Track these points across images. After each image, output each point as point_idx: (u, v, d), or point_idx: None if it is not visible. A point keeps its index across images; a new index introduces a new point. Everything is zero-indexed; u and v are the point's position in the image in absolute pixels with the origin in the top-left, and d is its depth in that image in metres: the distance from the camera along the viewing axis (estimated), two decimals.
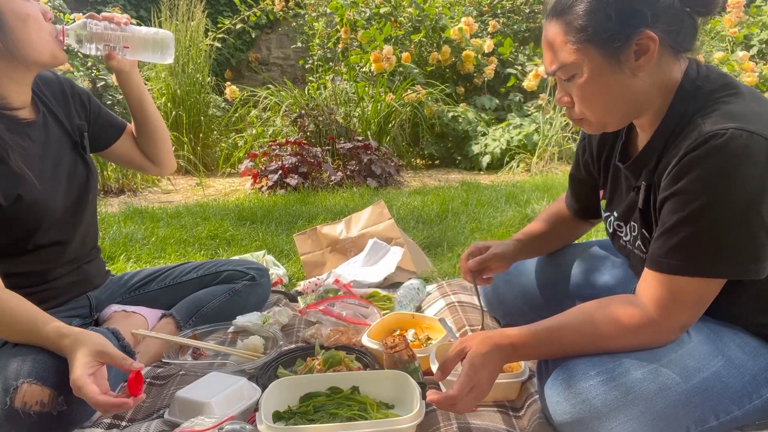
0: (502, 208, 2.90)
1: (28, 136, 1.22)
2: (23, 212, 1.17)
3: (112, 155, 1.45)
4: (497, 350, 0.96)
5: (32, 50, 1.15)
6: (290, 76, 7.61)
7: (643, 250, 1.05)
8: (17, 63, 1.16)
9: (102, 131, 1.42)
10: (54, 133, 1.29)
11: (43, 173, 1.22)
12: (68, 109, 1.35)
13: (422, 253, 2.08)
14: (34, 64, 1.19)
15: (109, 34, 1.26)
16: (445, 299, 1.63)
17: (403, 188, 3.95)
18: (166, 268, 1.57)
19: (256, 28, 7.45)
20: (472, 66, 5.18)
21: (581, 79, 0.95)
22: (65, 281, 1.30)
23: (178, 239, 2.48)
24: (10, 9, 1.11)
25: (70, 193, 1.30)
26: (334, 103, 4.49)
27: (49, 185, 1.23)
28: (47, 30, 1.17)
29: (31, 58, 1.16)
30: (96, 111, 1.41)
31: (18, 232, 1.19)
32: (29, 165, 1.18)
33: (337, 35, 5.62)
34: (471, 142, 4.81)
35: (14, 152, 1.14)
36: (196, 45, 5.13)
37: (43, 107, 1.29)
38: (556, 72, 0.98)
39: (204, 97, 5.16)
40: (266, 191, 3.74)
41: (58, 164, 1.28)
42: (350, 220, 2.08)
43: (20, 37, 1.12)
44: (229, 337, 1.44)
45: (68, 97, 1.35)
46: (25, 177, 1.16)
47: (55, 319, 1.02)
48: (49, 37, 1.17)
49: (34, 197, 1.18)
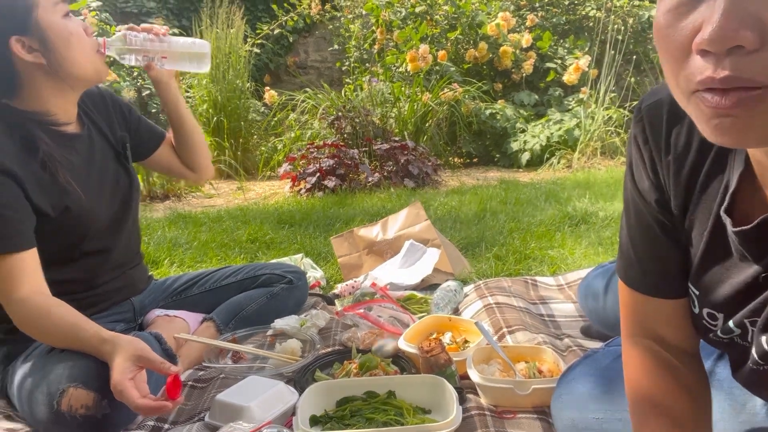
0: (542, 206, 2.84)
1: (74, 149, 1.26)
2: (70, 222, 1.22)
3: (153, 164, 1.50)
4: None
5: (76, 68, 1.19)
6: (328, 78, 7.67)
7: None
8: (63, 80, 1.20)
9: (142, 141, 1.46)
10: (98, 145, 1.33)
11: (88, 185, 1.26)
12: (110, 121, 1.39)
13: (459, 254, 2.06)
14: (79, 81, 1.23)
15: (147, 45, 1.30)
16: (483, 301, 1.61)
17: (441, 188, 3.92)
18: (207, 272, 1.60)
19: (294, 32, 7.55)
20: (509, 62, 5.10)
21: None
22: (110, 287, 1.35)
23: (219, 243, 2.54)
24: (54, 29, 1.14)
25: (113, 202, 1.34)
26: (370, 104, 4.50)
27: (94, 196, 1.27)
28: (90, 46, 1.21)
29: (76, 75, 1.20)
30: (136, 122, 1.45)
31: (65, 241, 1.24)
32: (75, 177, 1.23)
33: (373, 36, 5.63)
34: (509, 140, 4.74)
35: (62, 166, 1.19)
36: (236, 52, 5.24)
37: (88, 120, 1.34)
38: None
39: (244, 102, 5.27)
40: (305, 194, 3.78)
41: (102, 175, 1.32)
42: (387, 221, 2.08)
43: (65, 56, 1.16)
44: (268, 341, 1.46)
45: (110, 109, 1.40)
46: (71, 189, 1.20)
47: (96, 325, 1.05)
48: (92, 53, 1.21)
49: (80, 208, 1.23)
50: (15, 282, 1.07)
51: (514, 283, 1.76)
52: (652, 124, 0.64)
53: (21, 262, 1.09)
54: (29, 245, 1.11)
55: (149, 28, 1.32)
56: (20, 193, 1.12)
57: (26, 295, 1.07)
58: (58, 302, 1.09)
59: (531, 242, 2.22)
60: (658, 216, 0.68)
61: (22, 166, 1.13)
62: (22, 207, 1.12)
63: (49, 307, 1.06)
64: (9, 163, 1.10)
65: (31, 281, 1.09)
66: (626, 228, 0.73)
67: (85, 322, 1.06)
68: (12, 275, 1.07)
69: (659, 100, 0.64)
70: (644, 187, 0.68)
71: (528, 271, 1.94)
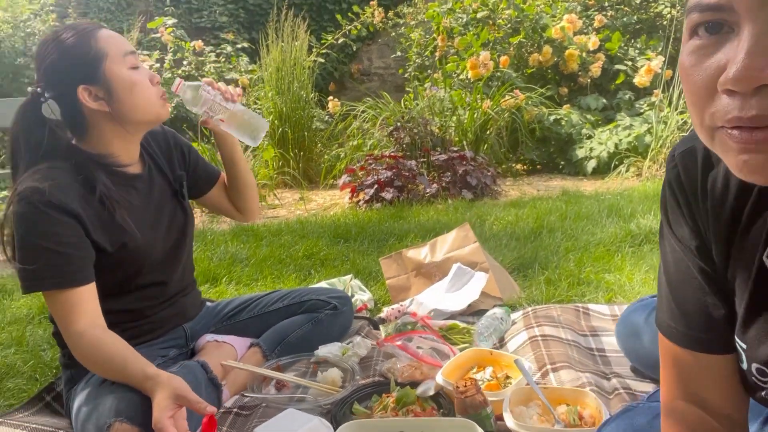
0: (603, 222, 2.73)
1: (134, 188, 1.35)
2: (127, 257, 1.30)
3: (205, 202, 1.58)
4: None
5: (138, 114, 1.27)
6: (391, 85, 7.72)
7: None
8: (125, 126, 1.28)
9: (198, 180, 1.54)
10: (157, 183, 1.41)
11: (145, 222, 1.34)
12: (171, 160, 1.47)
13: (509, 278, 2.02)
14: (140, 125, 1.31)
15: (214, 103, 1.36)
16: (529, 332, 1.57)
17: (500, 199, 3.85)
18: (256, 296, 1.66)
19: (358, 40, 7.65)
20: (576, 65, 4.93)
21: None
22: (163, 315, 1.42)
23: (276, 259, 2.61)
24: (119, 80, 1.23)
25: (169, 237, 1.41)
26: (429, 113, 4.49)
27: (150, 232, 1.35)
28: (153, 94, 1.28)
29: (138, 120, 1.28)
30: (194, 162, 1.53)
31: (122, 275, 1.32)
32: (133, 215, 1.30)
33: (434, 44, 5.61)
34: (575, 146, 4.58)
35: (120, 206, 1.27)
36: (300, 63, 5.38)
37: (149, 159, 1.42)
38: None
39: (308, 112, 5.40)
40: (363, 205, 3.82)
41: (159, 212, 1.40)
42: (435, 243, 2.07)
43: (127, 104, 1.25)
44: (311, 368, 1.49)
45: (171, 148, 1.48)
46: (128, 227, 1.28)
47: (143, 361, 1.11)
48: (155, 100, 1.28)
49: (136, 244, 1.30)
50: (74, 315, 1.15)
51: (565, 312, 1.70)
52: (686, 170, 0.63)
53: (80, 297, 1.17)
54: (88, 281, 1.20)
55: (225, 90, 1.37)
56: (82, 231, 1.20)
57: (83, 328, 1.15)
58: (112, 336, 1.16)
59: (587, 264, 2.14)
60: (699, 263, 0.64)
61: (84, 205, 1.21)
62: (83, 245, 1.20)
63: (103, 341, 1.14)
64: (73, 204, 1.18)
65: (89, 315, 1.17)
66: (665, 278, 0.69)
67: (134, 357, 1.12)
68: (72, 309, 1.16)
69: (692, 147, 0.63)
70: (683, 234, 0.65)
71: (581, 298, 1.87)
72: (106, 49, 1.22)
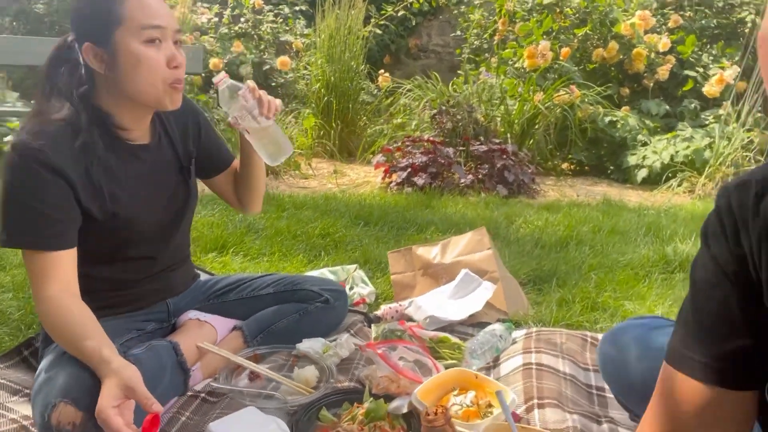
0: (638, 241, 2.55)
1: (136, 158, 1.28)
2: (117, 228, 1.25)
3: (210, 184, 1.52)
4: None
5: (137, 92, 1.18)
6: (447, 64, 7.50)
7: None
8: (126, 98, 1.20)
9: (209, 162, 1.47)
10: (164, 155, 1.34)
11: (141, 194, 1.28)
12: (185, 134, 1.40)
13: (520, 291, 1.90)
14: (139, 104, 1.22)
15: (245, 112, 1.26)
16: (525, 357, 1.46)
17: (536, 198, 3.68)
18: (248, 278, 1.61)
19: (419, 14, 7.44)
20: (642, 65, 4.62)
21: None
22: (146, 288, 1.38)
23: (291, 234, 2.57)
24: (126, 52, 1.15)
25: (166, 213, 1.35)
26: (477, 100, 4.31)
27: (145, 205, 1.29)
28: (161, 77, 1.17)
29: (136, 98, 1.20)
30: (209, 142, 1.45)
31: (110, 244, 1.27)
32: (129, 186, 1.25)
33: (494, 26, 5.38)
34: (627, 152, 4.33)
35: (108, 175, 1.20)
36: (354, 33, 5.26)
37: (161, 130, 1.35)
38: None
39: (356, 84, 5.30)
40: (394, 187, 3.73)
41: (160, 186, 1.33)
42: (448, 243, 1.96)
43: (128, 79, 1.16)
44: (289, 362, 1.44)
45: (188, 122, 1.40)
46: (121, 198, 1.23)
47: (104, 340, 1.07)
48: (160, 85, 1.18)
49: (128, 215, 1.25)
50: (46, 278, 1.12)
51: (570, 339, 1.58)
52: (739, 197, 0.62)
53: (56, 261, 1.13)
54: (68, 245, 1.15)
55: (264, 102, 1.26)
56: (70, 194, 1.15)
57: (52, 293, 1.12)
58: (81, 308, 1.12)
59: (608, 287, 1.99)
60: (736, 291, 0.64)
61: (78, 168, 1.16)
62: (69, 208, 1.16)
63: (68, 310, 1.10)
64: (66, 165, 1.13)
65: (61, 280, 1.13)
66: (692, 305, 0.68)
67: (96, 333, 1.08)
68: (45, 271, 1.13)
69: (748, 181, 0.62)
70: (722, 257, 0.64)
71: (593, 325, 1.73)
72: (126, 15, 1.14)
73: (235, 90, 1.26)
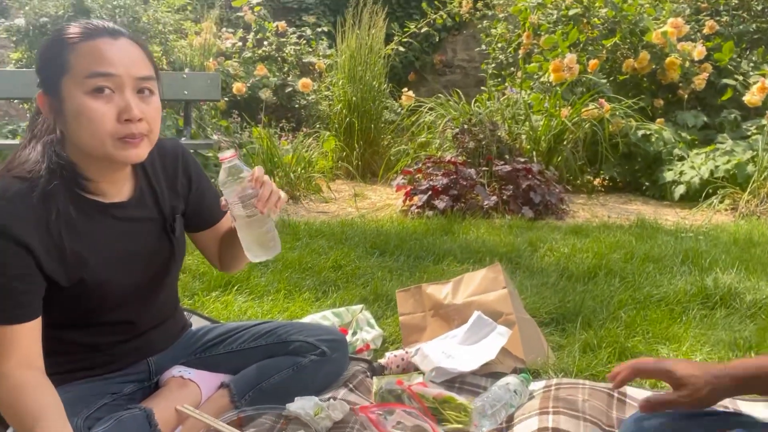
0: (675, 270, 2.34)
1: (111, 217, 1.18)
2: (85, 294, 1.15)
3: (191, 237, 1.41)
4: None
5: (84, 147, 1.08)
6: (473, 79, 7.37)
7: None
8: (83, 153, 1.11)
9: (195, 218, 1.36)
10: (144, 212, 1.23)
11: (113, 257, 1.18)
12: (173, 186, 1.29)
13: (539, 335, 1.73)
14: (95, 160, 1.10)
15: (238, 199, 1.13)
16: (540, 419, 1.30)
17: (565, 220, 3.49)
18: (240, 327, 1.49)
19: (443, 30, 7.33)
20: (676, 75, 4.40)
21: None
22: (124, 349, 1.28)
23: (301, 266, 2.46)
24: (68, 102, 1.05)
25: (145, 274, 1.25)
26: (500, 117, 4.15)
27: (117, 268, 1.19)
28: (106, 131, 1.06)
29: (86, 153, 1.10)
30: (199, 196, 1.34)
31: (79, 310, 1.18)
32: (100, 248, 1.15)
33: (519, 40, 5.22)
34: (663, 167, 4.09)
35: (74, 237, 1.11)
36: (375, 52, 5.18)
37: (145, 183, 1.24)
38: None
39: (378, 103, 5.21)
40: (415, 211, 3.60)
41: (137, 245, 1.22)
42: (460, 281, 1.82)
43: (71, 131, 1.07)
44: (279, 424, 1.31)
45: (179, 172, 1.30)
46: (88, 262, 1.13)
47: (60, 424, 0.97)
48: (108, 140, 1.06)
49: (97, 280, 1.15)
50: (3, 354, 1.03)
51: (594, 395, 1.41)
52: None
53: (15, 334, 1.04)
54: (29, 317, 1.06)
55: (264, 195, 1.12)
56: (32, 262, 1.06)
57: (9, 369, 1.02)
58: (40, 386, 1.02)
59: (639, 327, 1.80)
60: None
61: (40, 232, 1.07)
62: (30, 278, 1.06)
63: (24, 389, 1.01)
64: (25, 231, 1.04)
65: (21, 355, 1.04)
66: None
67: (48, 414, 0.97)
68: (2, 347, 1.04)
69: None
70: None
71: None
72: (72, 64, 1.05)
73: (237, 173, 1.14)
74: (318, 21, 7.18)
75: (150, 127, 1.11)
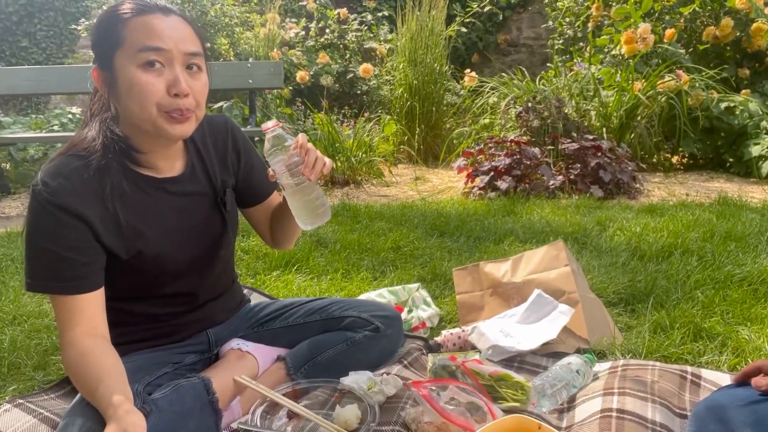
0: (760, 249, 2.15)
1: (164, 191, 1.21)
2: (144, 266, 1.19)
3: (244, 213, 1.43)
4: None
5: (132, 118, 1.11)
6: (540, 57, 7.11)
7: None
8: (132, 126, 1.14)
9: (246, 193, 1.38)
10: (196, 186, 1.27)
11: (167, 228, 1.21)
12: (223, 161, 1.32)
13: (606, 315, 1.64)
14: (143, 133, 1.13)
15: (285, 168, 1.14)
16: (605, 400, 1.22)
17: (638, 199, 3.30)
18: (296, 303, 1.51)
19: (507, 8, 7.11)
20: (764, 42, 4.04)
21: None
22: (186, 320, 1.32)
23: (360, 247, 2.46)
24: (121, 75, 1.08)
25: (200, 248, 1.28)
26: (567, 93, 3.98)
27: (173, 241, 1.22)
28: (154, 103, 1.08)
29: (135, 125, 1.13)
30: (248, 171, 1.36)
31: (140, 282, 1.22)
32: (155, 222, 1.19)
33: (588, 13, 4.97)
34: (749, 142, 3.79)
35: (130, 210, 1.15)
36: (436, 34, 5.10)
37: (197, 158, 1.27)
38: None
39: (440, 86, 5.13)
40: (477, 192, 3.52)
41: (191, 219, 1.26)
42: (520, 259, 1.75)
43: (122, 104, 1.11)
44: (333, 397, 1.31)
45: (228, 148, 1.33)
46: (145, 234, 1.17)
47: (119, 386, 0.99)
48: (156, 112, 1.09)
49: (155, 252, 1.19)
50: (70, 322, 1.08)
51: (664, 376, 1.32)
52: None
53: (80, 304, 1.09)
54: (92, 288, 1.11)
55: (309, 162, 1.13)
56: (90, 235, 1.10)
57: (75, 337, 1.07)
58: (102, 349, 1.07)
59: (718, 308, 1.67)
60: None
61: (98, 206, 1.11)
62: (91, 250, 1.11)
63: (89, 354, 1.05)
64: (83, 205, 1.09)
65: (86, 324, 1.09)
66: None
67: (113, 379, 1.02)
68: (70, 315, 1.09)
69: None
70: None
71: (696, 357, 1.44)
72: (126, 37, 1.09)
73: (281, 142, 1.15)
74: (379, 6, 7.15)
75: (197, 102, 1.12)
